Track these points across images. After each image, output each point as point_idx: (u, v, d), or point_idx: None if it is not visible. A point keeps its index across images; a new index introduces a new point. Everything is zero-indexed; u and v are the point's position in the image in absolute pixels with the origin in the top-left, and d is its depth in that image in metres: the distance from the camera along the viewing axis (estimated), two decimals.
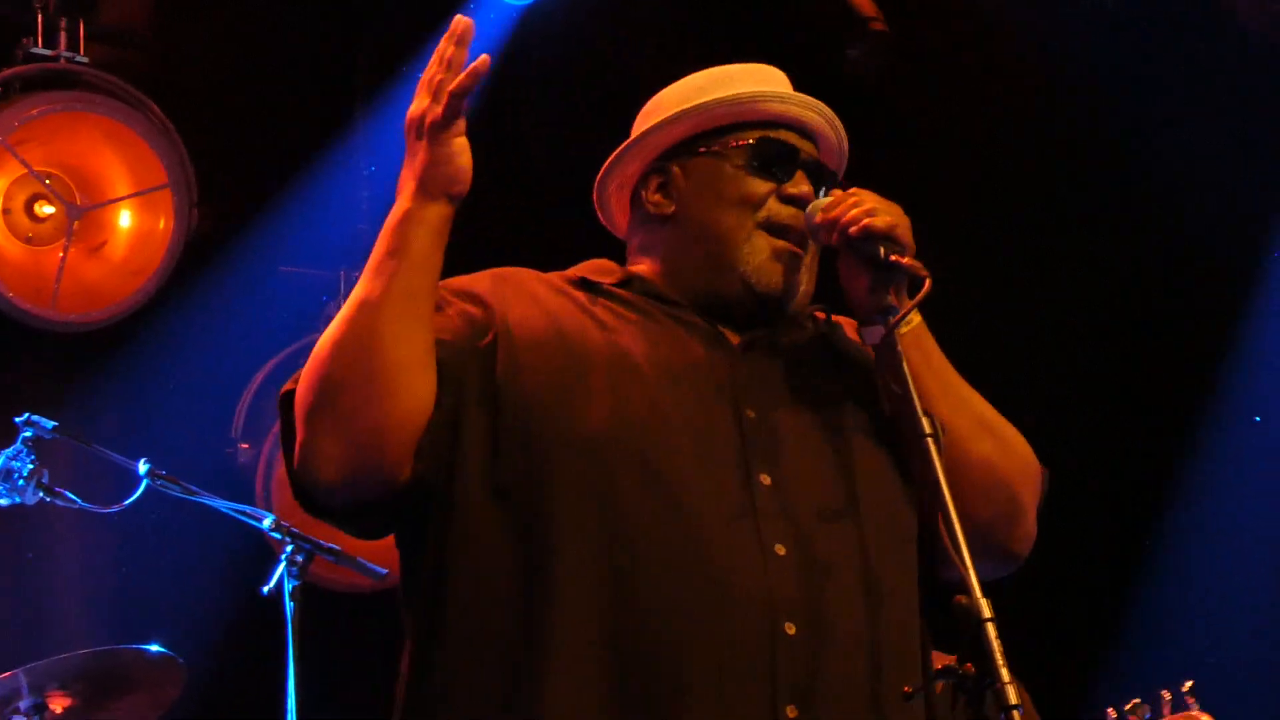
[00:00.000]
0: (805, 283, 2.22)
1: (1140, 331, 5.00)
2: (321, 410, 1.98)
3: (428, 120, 2.01)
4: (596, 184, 2.35)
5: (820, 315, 2.29)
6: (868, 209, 2.14)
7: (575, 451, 2.02)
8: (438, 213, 2.03)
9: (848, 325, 2.28)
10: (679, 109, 2.26)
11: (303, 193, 4.89)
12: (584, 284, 2.22)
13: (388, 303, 1.99)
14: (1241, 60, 4.66)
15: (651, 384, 2.09)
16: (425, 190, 2.03)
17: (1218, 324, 4.84)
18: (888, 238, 2.12)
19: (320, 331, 5.09)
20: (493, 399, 2.05)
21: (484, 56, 1.98)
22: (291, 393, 2.05)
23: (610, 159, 2.32)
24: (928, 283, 2.07)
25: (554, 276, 2.25)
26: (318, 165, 4.92)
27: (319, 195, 4.91)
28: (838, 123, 2.31)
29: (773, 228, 2.20)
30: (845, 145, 2.32)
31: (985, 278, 4.80)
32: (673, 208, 2.25)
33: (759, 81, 2.30)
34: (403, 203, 2.03)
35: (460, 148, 2.02)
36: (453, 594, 2.02)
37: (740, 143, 2.25)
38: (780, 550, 2.02)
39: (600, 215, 2.37)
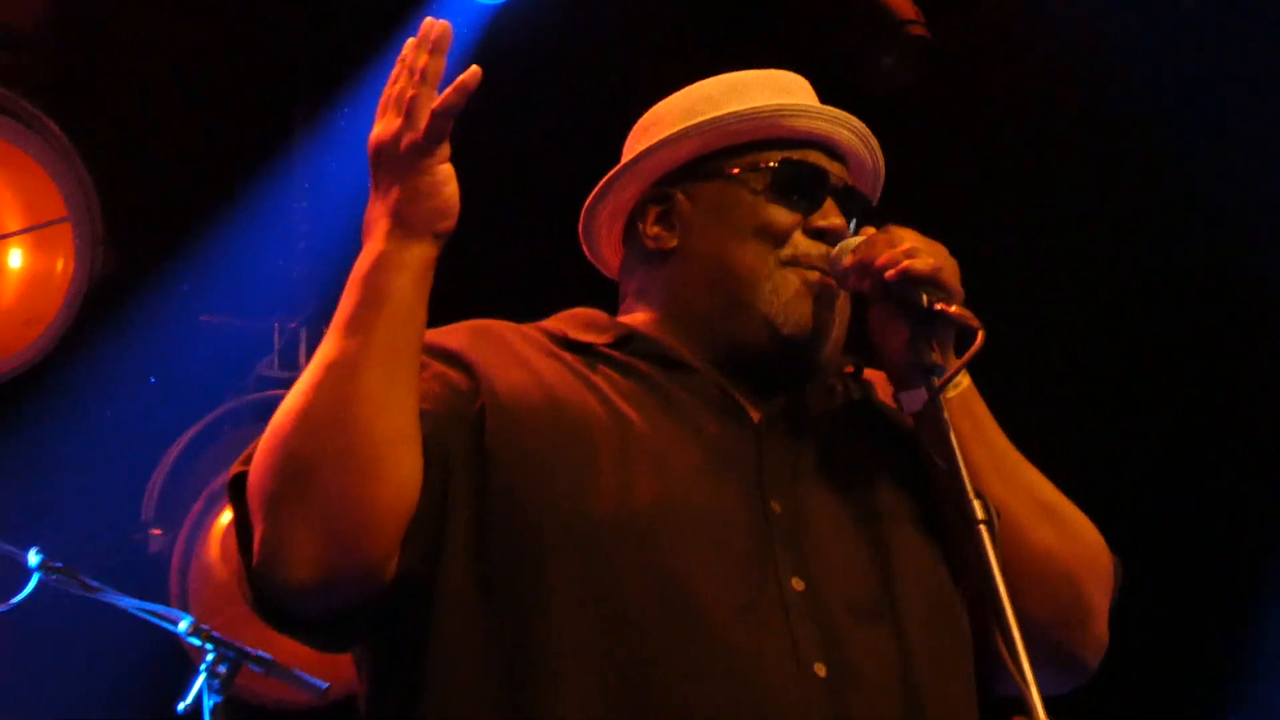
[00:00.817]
0: (837, 327, 2.22)
1: (1221, 363, 5.12)
2: (289, 498, 1.93)
3: (404, 144, 1.98)
4: (583, 214, 2.35)
5: (850, 370, 2.29)
6: (907, 249, 2.13)
7: (574, 547, 2.00)
8: (420, 255, 2.01)
9: (880, 382, 2.27)
10: (685, 124, 2.26)
11: (229, 230, 4.92)
12: (575, 346, 2.20)
13: (367, 365, 1.95)
14: None
15: (662, 470, 2.07)
16: (404, 228, 2.00)
17: None
18: (931, 282, 2.12)
19: (249, 394, 5.13)
20: (481, 479, 2.03)
21: (475, 69, 1.97)
22: (244, 475, 2.01)
23: (600, 184, 2.31)
24: (980, 335, 2.05)
25: (533, 331, 2.24)
26: (247, 198, 4.97)
27: (248, 233, 4.95)
28: (873, 141, 2.32)
29: (799, 266, 2.21)
30: (881, 167, 2.34)
31: (1039, 318, 4.87)
32: (675, 241, 2.25)
33: (779, 91, 2.30)
34: (376, 244, 2.00)
35: (445, 176, 2.00)
36: (429, 712, 1.99)
37: (760, 165, 2.25)
38: (820, 670, 2.00)
39: (586, 251, 2.38)
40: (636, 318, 2.27)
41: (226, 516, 4.33)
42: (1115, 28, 4.71)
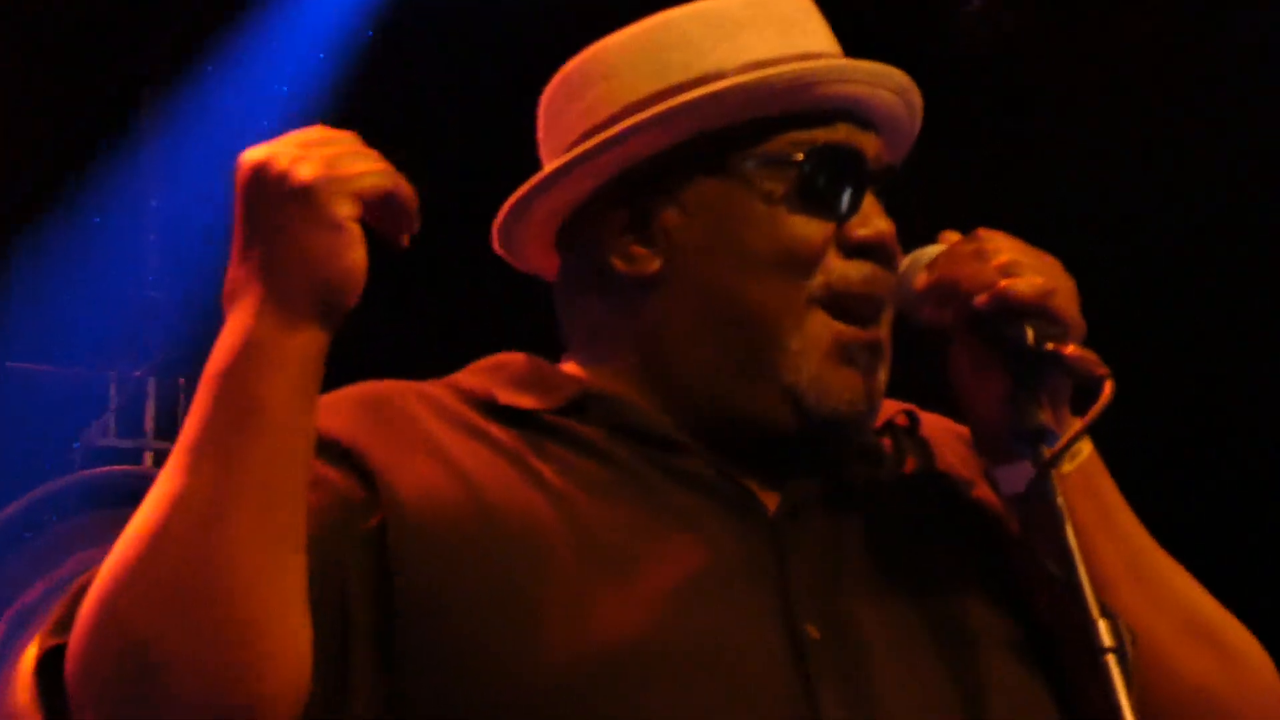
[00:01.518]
0: (883, 381, 2.10)
1: None
2: (134, 698, 1.79)
3: (315, 176, 1.82)
4: (508, 209, 2.14)
5: (903, 422, 2.17)
6: (1004, 264, 1.98)
7: (522, 715, 1.86)
8: (307, 345, 1.84)
9: (945, 435, 2.19)
10: (659, 85, 2.08)
11: (49, 252, 4.88)
12: (508, 414, 2.05)
13: (234, 509, 1.80)
14: None
15: (643, 593, 1.93)
16: (286, 304, 1.83)
17: None
18: (1040, 312, 1.97)
19: (77, 471, 4.88)
20: (387, 629, 1.90)
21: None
22: (59, 653, 1.85)
23: (543, 175, 2.11)
24: (1108, 387, 1.90)
25: (447, 394, 2.08)
26: (73, 210, 4.93)
27: (74, 256, 4.88)
28: (918, 98, 2.15)
29: (838, 302, 2.04)
30: (918, 127, 2.18)
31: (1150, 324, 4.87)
32: (658, 265, 2.07)
33: (779, 27, 2.11)
34: (243, 324, 1.83)
35: (354, 236, 1.85)
36: None
37: (780, 156, 2.06)
38: None
39: (498, 244, 2.20)
40: (599, 366, 2.11)
41: None
42: None
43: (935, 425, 2.18)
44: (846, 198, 2.06)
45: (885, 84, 2.11)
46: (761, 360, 2.03)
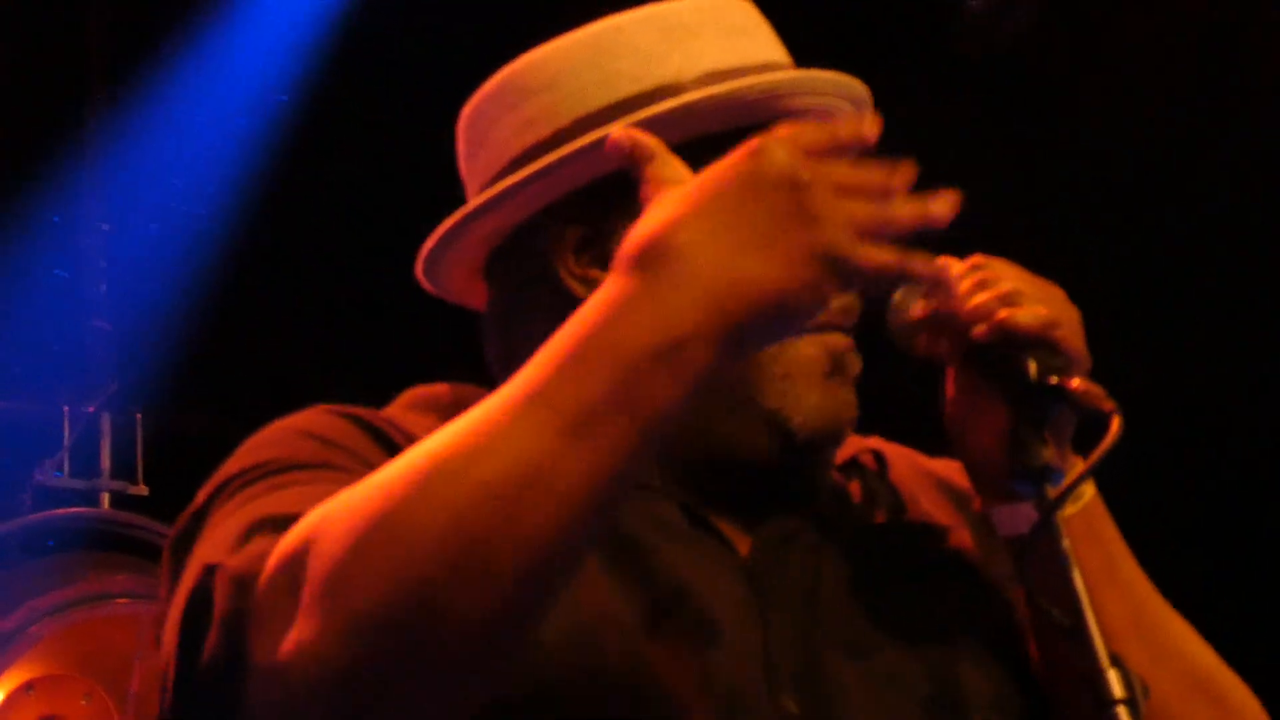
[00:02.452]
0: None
1: None
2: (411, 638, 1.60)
3: (837, 265, 1.65)
4: (439, 237, 2.09)
5: (870, 463, 2.15)
6: (1004, 293, 1.97)
7: None
8: (719, 367, 1.66)
9: (907, 468, 2.18)
10: (612, 99, 2.03)
11: None
12: None
13: (592, 504, 1.64)
14: None
15: (601, 650, 1.88)
16: (729, 311, 1.64)
17: None
18: (1042, 343, 1.95)
19: (23, 516, 4.84)
20: None
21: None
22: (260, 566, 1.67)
23: (482, 200, 2.05)
24: (1115, 422, 1.86)
25: (387, 427, 2.01)
26: (23, 227, 4.88)
27: (21, 275, 4.86)
28: (870, 107, 2.13)
29: (817, 324, 2.01)
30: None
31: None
32: None
33: (730, 33, 2.08)
34: (684, 309, 1.64)
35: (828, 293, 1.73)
36: None
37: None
38: None
39: (427, 281, 2.16)
40: None
41: None
42: None
43: (903, 462, 2.16)
44: None
45: (848, 96, 2.10)
46: (743, 388, 2.00)
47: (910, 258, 1.66)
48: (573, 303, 1.95)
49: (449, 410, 1.95)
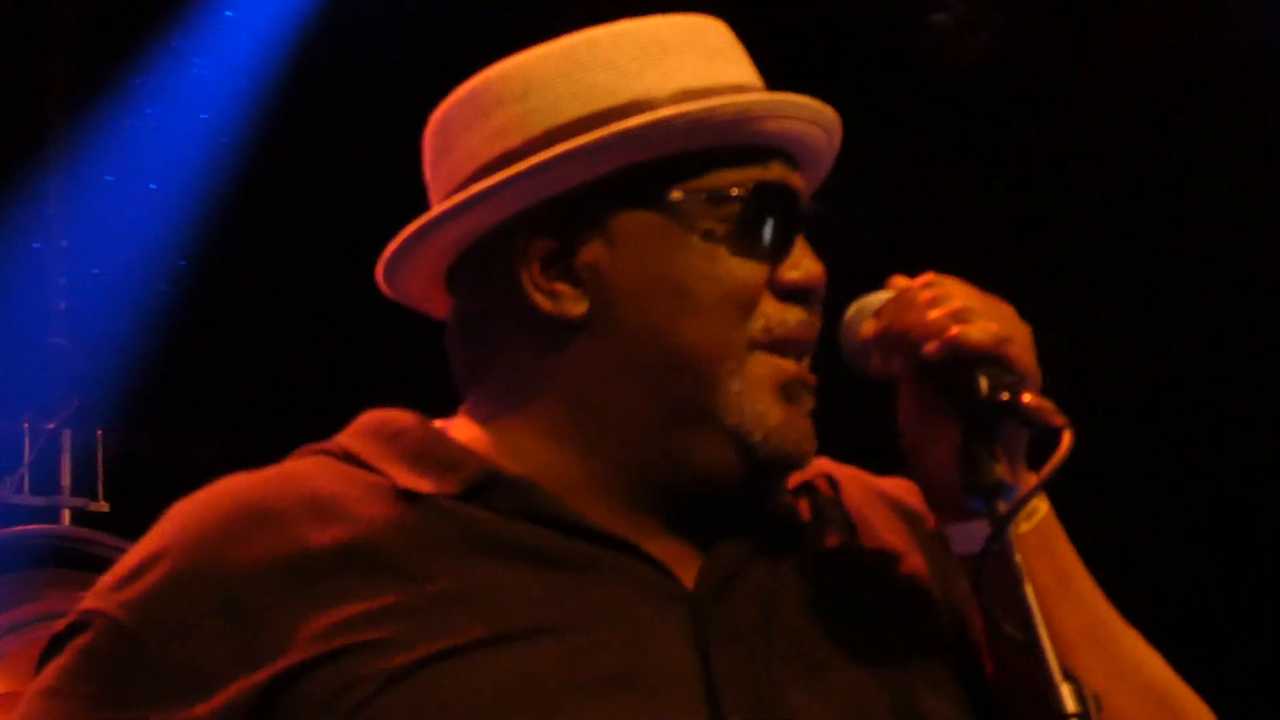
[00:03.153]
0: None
1: None
2: None
3: None
4: (402, 241, 2.06)
5: (824, 489, 2.14)
6: (955, 310, 1.96)
7: None
8: None
9: (859, 491, 2.16)
10: (585, 110, 2.01)
11: None
12: (403, 495, 1.98)
13: None
14: None
15: (548, 700, 1.87)
16: None
17: None
18: (993, 359, 1.95)
19: None
20: None
21: None
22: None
23: (448, 205, 2.02)
24: (1066, 438, 1.87)
25: (328, 479, 2.00)
26: None
27: None
28: (838, 138, 2.12)
29: (775, 346, 2.02)
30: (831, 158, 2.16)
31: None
32: (585, 305, 2.01)
33: (708, 55, 2.06)
34: None
35: None
36: None
37: (721, 192, 2.01)
38: None
39: (386, 286, 2.12)
40: (510, 433, 2.03)
41: None
42: None
43: (854, 484, 2.15)
44: (776, 238, 2.03)
45: (819, 120, 2.08)
46: (702, 405, 1.99)
47: None
48: (538, 320, 2.00)
49: (409, 449, 2.00)
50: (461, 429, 2.04)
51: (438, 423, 2.06)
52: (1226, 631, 4.82)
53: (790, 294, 2.01)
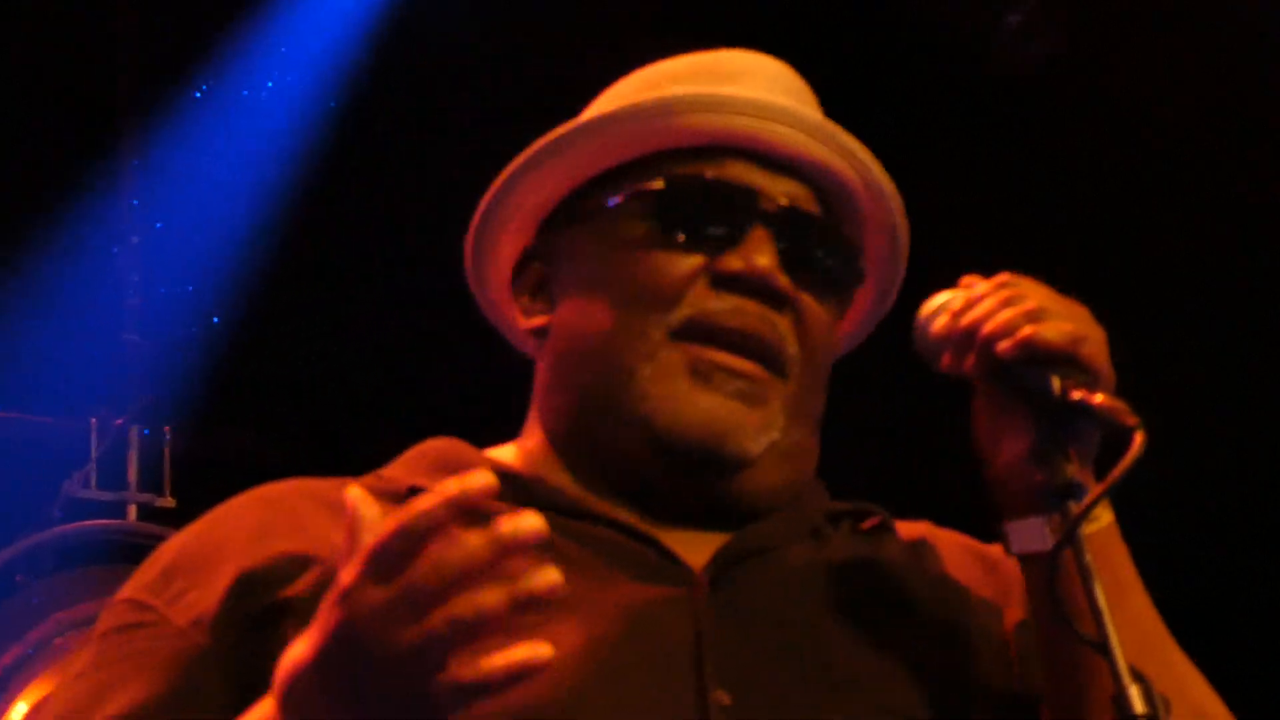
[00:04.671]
0: (776, 427, 2.06)
1: None
2: None
3: (447, 679, 1.60)
4: (470, 277, 2.23)
5: (873, 522, 2.15)
6: (1029, 310, 1.97)
7: None
8: None
9: (940, 539, 2.19)
10: (548, 138, 2.13)
11: (22, 288, 4.85)
12: (407, 494, 2.03)
13: None
14: None
15: (552, 670, 1.80)
16: None
17: None
18: (1067, 359, 1.95)
19: (54, 527, 4.83)
20: None
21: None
22: None
23: (468, 242, 2.19)
24: (1138, 438, 1.85)
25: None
26: (50, 242, 4.87)
27: (52, 287, 4.87)
28: (846, 140, 2.13)
29: (698, 333, 2.04)
30: (880, 183, 2.15)
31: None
32: (545, 319, 2.15)
33: (716, 80, 2.13)
34: None
35: None
36: None
37: (646, 186, 2.08)
38: None
39: (500, 326, 2.27)
40: (521, 442, 2.17)
41: (19, 711, 4.25)
42: None
43: (941, 538, 2.17)
44: (719, 230, 2.06)
45: (777, 118, 2.10)
46: (615, 392, 2.04)
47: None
48: (529, 337, 2.15)
49: (434, 463, 2.06)
50: (499, 449, 2.15)
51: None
52: (1230, 633, 4.80)
53: (725, 282, 2.04)
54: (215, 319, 4.80)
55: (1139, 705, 1.81)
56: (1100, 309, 2.06)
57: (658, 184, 2.08)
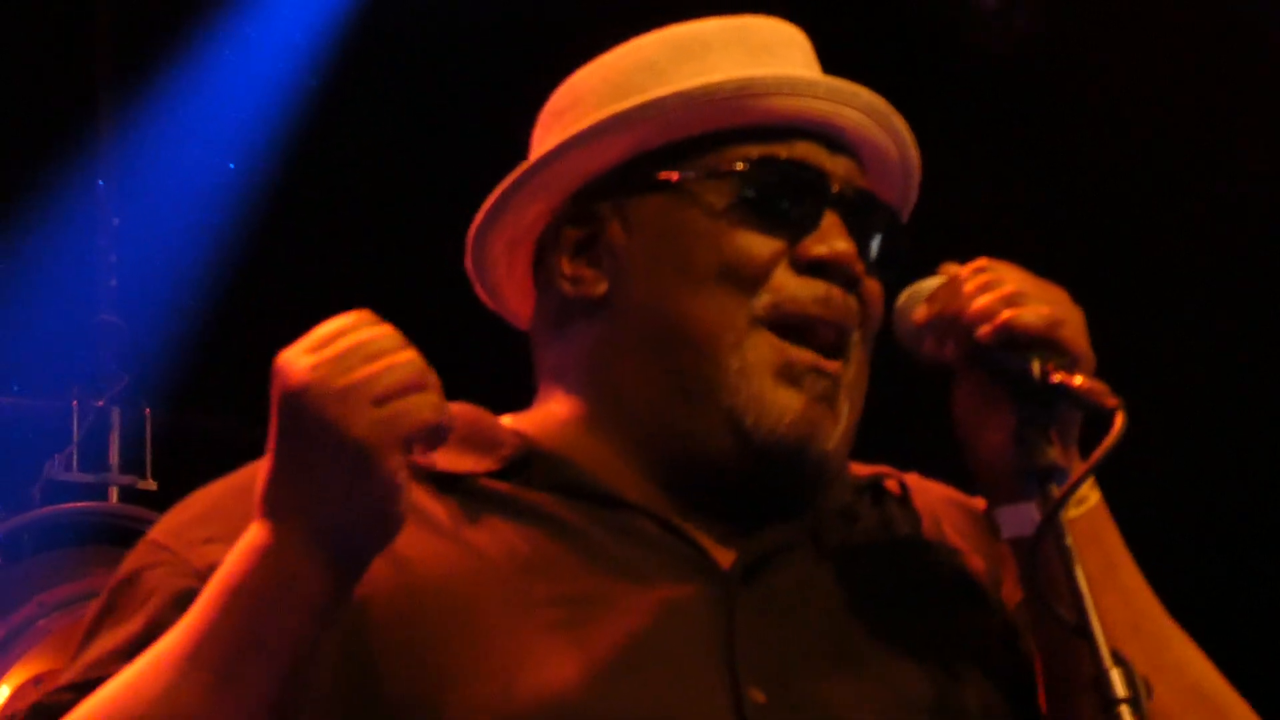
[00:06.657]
0: (844, 420, 2.08)
1: None
2: None
3: (370, 441, 1.77)
4: (470, 242, 2.18)
5: (892, 487, 2.17)
6: (1008, 294, 1.99)
7: None
8: (335, 587, 1.82)
9: (938, 499, 2.20)
10: (612, 110, 2.10)
11: (3, 266, 4.86)
12: (442, 481, 2.04)
13: None
14: None
15: (582, 662, 1.93)
16: (325, 547, 1.80)
17: None
18: (1047, 343, 1.97)
19: (34, 510, 4.82)
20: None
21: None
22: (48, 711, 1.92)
23: (492, 199, 2.14)
24: (1119, 419, 1.88)
25: None
26: (26, 217, 4.85)
27: (30, 267, 4.86)
28: (898, 122, 2.16)
29: (785, 322, 2.05)
30: (914, 161, 2.20)
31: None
32: (605, 286, 2.10)
33: (752, 52, 2.14)
34: (277, 547, 1.81)
35: (402, 489, 1.81)
36: None
37: (721, 168, 2.08)
38: None
39: (482, 293, 2.24)
40: (550, 414, 2.12)
41: (1, 694, 4.25)
42: None
43: (935, 494, 2.18)
44: (797, 213, 2.06)
45: (850, 101, 2.11)
46: (700, 381, 2.03)
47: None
48: (570, 307, 2.11)
49: (457, 434, 1.99)
50: (516, 418, 2.11)
51: (504, 417, 2.13)
52: (1230, 631, 4.82)
53: (810, 268, 2.05)
54: (196, 300, 4.79)
55: (1120, 688, 1.82)
56: (1084, 294, 2.06)
57: (738, 165, 2.07)
